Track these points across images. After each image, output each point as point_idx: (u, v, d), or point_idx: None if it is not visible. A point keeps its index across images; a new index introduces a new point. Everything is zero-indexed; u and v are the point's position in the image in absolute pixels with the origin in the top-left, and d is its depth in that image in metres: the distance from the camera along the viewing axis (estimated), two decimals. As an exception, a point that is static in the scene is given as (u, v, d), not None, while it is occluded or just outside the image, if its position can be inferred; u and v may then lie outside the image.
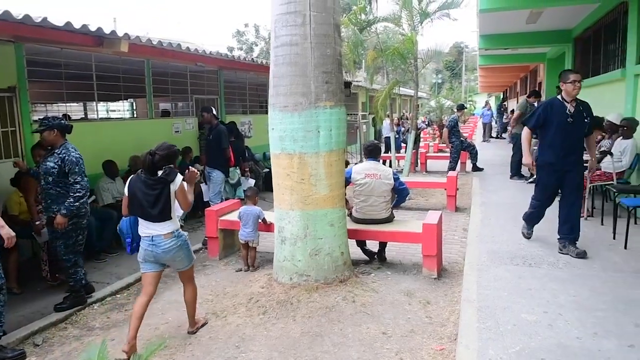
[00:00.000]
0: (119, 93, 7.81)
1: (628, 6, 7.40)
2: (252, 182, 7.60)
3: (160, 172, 3.64)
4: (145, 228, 3.65)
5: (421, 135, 17.54)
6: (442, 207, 8.20)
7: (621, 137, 6.73)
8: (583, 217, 6.70)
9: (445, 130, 11.79)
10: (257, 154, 10.33)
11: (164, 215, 3.62)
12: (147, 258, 3.70)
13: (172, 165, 3.70)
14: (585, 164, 5.56)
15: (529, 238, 5.76)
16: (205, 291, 4.72)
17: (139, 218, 3.67)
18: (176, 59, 7.73)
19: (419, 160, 12.83)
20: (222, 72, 10.09)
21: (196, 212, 7.59)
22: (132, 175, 3.76)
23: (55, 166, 4.31)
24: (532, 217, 5.69)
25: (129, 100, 12.74)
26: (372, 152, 5.41)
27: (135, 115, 12.73)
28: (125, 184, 5.69)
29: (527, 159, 5.50)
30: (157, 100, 10.70)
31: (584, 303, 3.95)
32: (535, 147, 9.89)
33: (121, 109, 13.74)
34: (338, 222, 4.58)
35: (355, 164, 5.83)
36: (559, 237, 5.31)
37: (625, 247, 5.34)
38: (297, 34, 4.28)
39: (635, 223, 6.25)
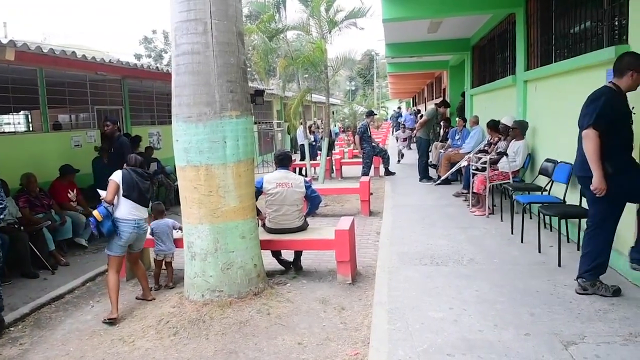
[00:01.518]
0: (9, 105, 7.21)
1: (516, 17, 8.05)
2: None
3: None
4: (135, 210, 4.52)
5: (336, 142, 17.97)
6: (357, 212, 8.39)
7: (514, 139, 7.29)
8: (484, 215, 7.17)
9: (356, 137, 12.13)
10: (167, 166, 9.98)
11: (149, 201, 4.67)
12: (129, 240, 4.53)
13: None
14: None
15: None
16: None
17: (126, 204, 4.47)
18: (73, 68, 7.29)
19: (334, 167, 13.08)
20: (126, 81, 9.67)
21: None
22: (121, 170, 4.59)
23: None
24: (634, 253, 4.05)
25: (21, 112, 11.81)
26: (282, 161, 5.42)
27: (31, 129, 11.82)
28: (16, 204, 5.50)
29: (598, 180, 3.82)
30: (55, 112, 10.02)
31: (486, 297, 4.21)
32: (468, 162, 10.53)
33: (13, 122, 12.65)
34: (250, 234, 4.53)
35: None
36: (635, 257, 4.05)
37: (522, 241, 5.77)
38: (198, 42, 4.19)
39: (530, 218, 6.78)
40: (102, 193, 4.56)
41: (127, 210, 4.51)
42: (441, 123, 13.53)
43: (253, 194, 4.66)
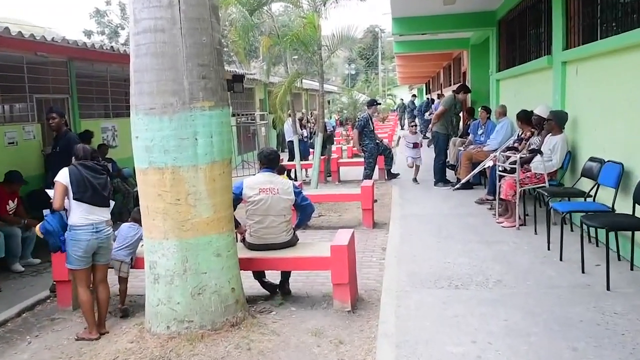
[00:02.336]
0: None
1: (551, -15, 8.12)
2: (111, 204, 7.33)
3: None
4: (89, 214, 4.60)
5: (334, 137, 18.01)
6: (357, 223, 8.42)
7: (550, 133, 7.34)
8: (514, 226, 7.21)
9: (354, 132, 12.16)
10: (125, 168, 9.96)
11: (108, 200, 4.76)
12: (88, 250, 4.63)
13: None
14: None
15: None
16: (54, 354, 4.43)
17: (79, 208, 4.56)
18: (6, 48, 7.28)
19: (330, 168, 13.11)
20: (74, 64, 9.65)
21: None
22: (68, 167, 4.61)
23: None
24: None
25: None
26: (269, 162, 5.43)
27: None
28: None
29: None
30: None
31: (517, 327, 4.23)
32: (473, 146, 10.54)
33: None
34: (226, 251, 4.52)
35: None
36: None
37: (561, 259, 5.80)
38: (162, 17, 4.19)
39: (571, 230, 6.82)
40: (51, 193, 4.57)
41: (80, 215, 4.61)
42: (460, 114, 13.62)
43: (230, 202, 4.65)
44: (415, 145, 12.00)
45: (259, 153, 5.59)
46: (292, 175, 12.86)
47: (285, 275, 5.47)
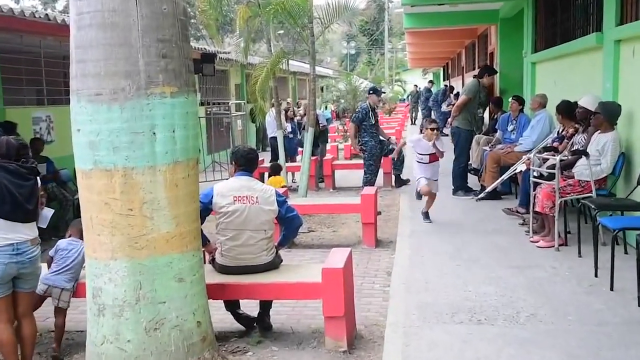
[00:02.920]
0: None
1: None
2: (48, 213, 7.26)
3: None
4: (8, 233, 4.50)
5: (328, 133, 18.06)
6: (356, 241, 8.45)
7: (598, 131, 7.36)
8: (552, 247, 7.23)
9: (350, 125, 12.16)
10: (63, 169, 9.93)
11: (35, 213, 4.71)
12: (4, 277, 4.51)
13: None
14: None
15: None
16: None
17: None
18: None
19: (322, 172, 13.13)
20: (-2, 37, 9.63)
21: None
22: None
23: None
24: None
25: None
26: (246, 163, 5.42)
27: None
28: None
29: None
30: None
31: (555, 373, 4.23)
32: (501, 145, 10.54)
33: None
34: (191, 275, 4.51)
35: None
36: None
37: (612, 288, 5.81)
38: (112, -22, 4.18)
39: (626, 252, 6.85)
40: None
41: (2, 231, 4.51)
42: (482, 106, 13.62)
43: (197, 214, 4.65)
44: (433, 159, 8.92)
45: (234, 152, 5.58)
46: (291, 180, 12.90)
47: (266, 306, 5.46)
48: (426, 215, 9.05)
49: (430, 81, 29.64)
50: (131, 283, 4.34)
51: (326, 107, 26.99)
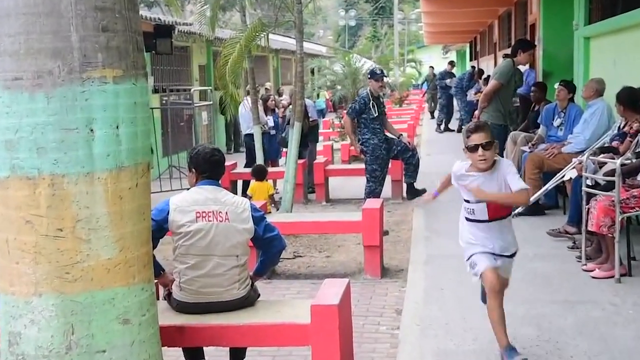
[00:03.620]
0: None
1: None
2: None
3: None
4: None
5: (319, 128, 18.07)
6: (356, 269, 8.49)
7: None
8: (612, 277, 7.23)
9: (346, 120, 12.13)
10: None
11: None
12: None
13: None
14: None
15: None
16: None
17: None
18: None
19: (313, 179, 13.12)
20: None
21: None
22: None
23: None
24: None
25: None
26: (211, 167, 5.40)
27: None
28: None
29: None
30: None
31: None
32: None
33: None
34: (140, 315, 4.47)
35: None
36: None
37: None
38: None
39: None
40: None
41: None
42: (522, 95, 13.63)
43: (147, 235, 4.60)
44: (498, 212, 5.79)
45: (192, 156, 5.50)
46: (276, 188, 12.89)
47: (238, 356, 5.45)
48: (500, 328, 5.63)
49: (451, 62, 29.15)
50: (60, 326, 4.28)
51: (319, 96, 27.06)
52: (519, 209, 10.18)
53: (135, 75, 4.43)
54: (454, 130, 24.40)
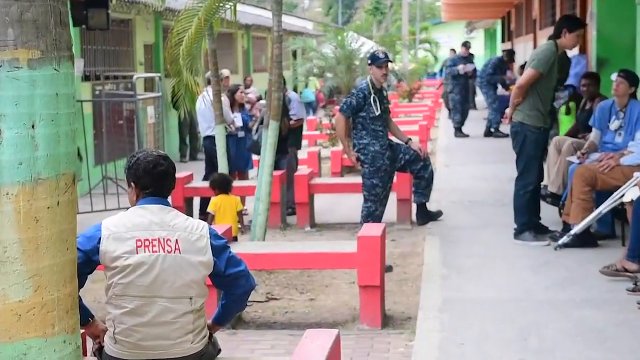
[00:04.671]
0: None
1: None
2: None
3: None
4: None
5: (303, 130, 18.07)
6: (350, 316, 8.48)
7: None
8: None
9: (338, 118, 12.05)
10: None
11: None
12: None
13: None
14: None
15: None
16: None
17: None
18: None
19: (293, 196, 13.14)
20: None
21: None
22: None
23: None
24: None
25: None
26: (156, 180, 5.38)
27: None
28: None
29: None
30: None
31: None
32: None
33: None
34: (60, 376, 4.47)
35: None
36: None
37: None
38: None
39: None
40: None
41: None
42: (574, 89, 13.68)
43: (72, 270, 4.58)
44: None
45: (132, 164, 5.42)
46: (245, 208, 12.84)
47: None
48: None
49: (465, 43, 28.15)
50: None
51: (307, 85, 27.11)
52: (564, 239, 10.20)
53: (58, 58, 4.41)
54: (467, 136, 24.49)
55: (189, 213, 12.13)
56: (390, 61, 12.80)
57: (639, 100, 10.96)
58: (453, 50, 35.62)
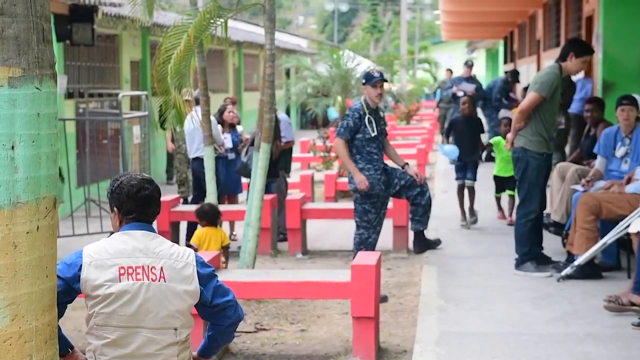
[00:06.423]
0: None
1: None
2: None
3: None
4: None
5: (292, 153, 18.08)
6: (341, 348, 8.45)
7: None
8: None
9: (337, 143, 11.94)
10: None
11: None
12: None
13: None
14: None
15: None
16: None
17: None
18: None
19: (285, 221, 13.12)
20: None
21: None
22: None
23: None
24: None
25: None
26: (138, 206, 5.36)
27: None
28: None
29: None
30: None
31: None
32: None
33: None
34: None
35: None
36: None
37: None
38: None
39: None
40: None
41: None
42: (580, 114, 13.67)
43: (50, 299, 4.56)
44: None
45: (115, 188, 5.38)
46: (229, 235, 12.81)
47: None
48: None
49: (467, 63, 27.95)
50: None
51: (334, 103, 27.02)
52: (567, 270, 10.19)
53: (40, 77, 4.40)
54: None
55: (176, 238, 12.12)
56: (385, 80, 12.74)
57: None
58: (450, 70, 35.55)
